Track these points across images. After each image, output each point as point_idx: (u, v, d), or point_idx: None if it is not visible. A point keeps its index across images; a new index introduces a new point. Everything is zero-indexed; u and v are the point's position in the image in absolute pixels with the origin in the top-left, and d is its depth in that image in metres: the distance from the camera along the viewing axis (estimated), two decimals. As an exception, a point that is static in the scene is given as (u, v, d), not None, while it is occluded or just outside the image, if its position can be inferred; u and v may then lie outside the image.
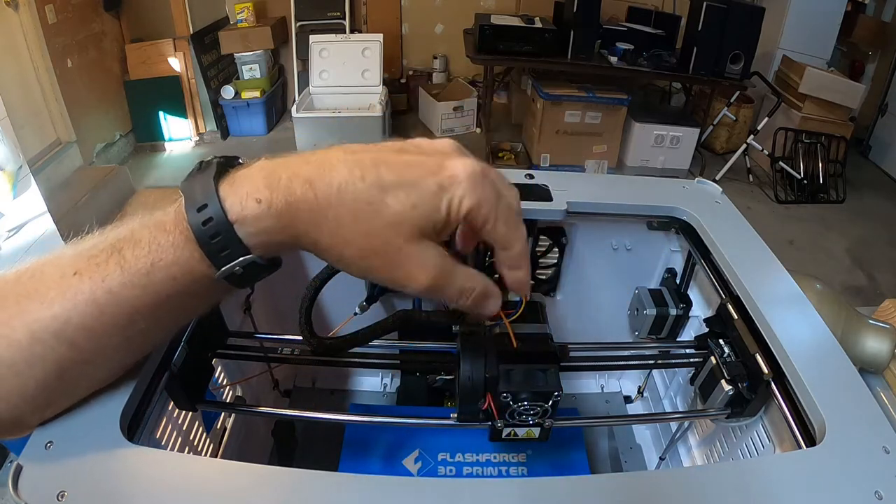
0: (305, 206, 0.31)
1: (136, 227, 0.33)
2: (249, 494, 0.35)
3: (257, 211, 0.31)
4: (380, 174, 0.31)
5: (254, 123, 3.35)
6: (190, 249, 0.32)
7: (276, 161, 0.33)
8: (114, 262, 0.32)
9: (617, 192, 0.71)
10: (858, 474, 0.38)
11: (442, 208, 0.31)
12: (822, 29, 3.22)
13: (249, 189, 0.31)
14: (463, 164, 0.32)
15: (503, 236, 0.34)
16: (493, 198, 0.32)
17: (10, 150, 1.63)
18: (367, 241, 0.31)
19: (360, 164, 0.31)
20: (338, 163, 0.31)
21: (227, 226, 0.31)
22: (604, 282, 0.80)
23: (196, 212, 0.31)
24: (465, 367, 0.45)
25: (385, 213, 0.31)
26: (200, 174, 0.33)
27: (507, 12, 3.24)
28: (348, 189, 0.31)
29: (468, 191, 0.31)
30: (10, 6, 2.27)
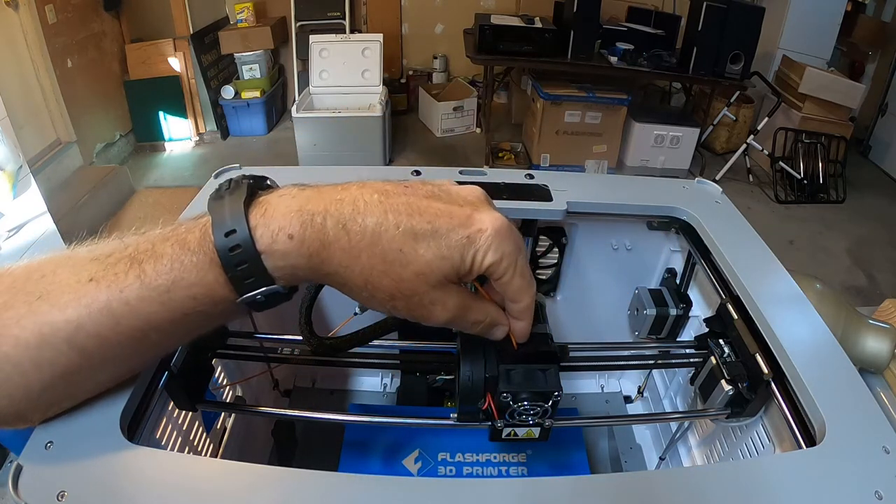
0: (338, 248, 0.32)
1: (157, 240, 0.33)
2: (249, 494, 0.35)
3: (288, 247, 0.31)
4: (412, 223, 0.32)
5: (254, 123, 3.35)
6: (214, 273, 0.32)
7: (307, 193, 0.33)
8: (133, 275, 0.31)
9: (617, 192, 0.71)
10: (858, 474, 0.38)
11: (467, 260, 0.33)
12: (822, 29, 3.22)
13: (282, 223, 0.31)
14: (491, 218, 0.33)
15: (516, 290, 0.36)
16: (514, 253, 0.34)
17: (10, 150, 1.63)
18: (395, 285, 0.32)
19: (395, 210, 0.32)
20: (372, 205, 0.32)
21: (255, 255, 0.31)
22: (604, 282, 0.80)
23: (224, 236, 0.31)
24: (465, 367, 0.45)
25: (415, 262, 0.32)
26: (230, 196, 0.33)
27: (507, 12, 3.24)
28: (382, 236, 0.31)
29: (493, 246, 0.33)
30: (10, 6, 2.27)
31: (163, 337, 0.34)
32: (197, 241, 0.32)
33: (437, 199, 0.34)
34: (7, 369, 0.32)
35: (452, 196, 0.34)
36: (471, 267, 0.33)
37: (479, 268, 0.33)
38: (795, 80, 3.00)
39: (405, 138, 3.41)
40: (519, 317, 0.38)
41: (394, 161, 3.10)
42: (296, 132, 2.75)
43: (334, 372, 0.89)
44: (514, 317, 0.38)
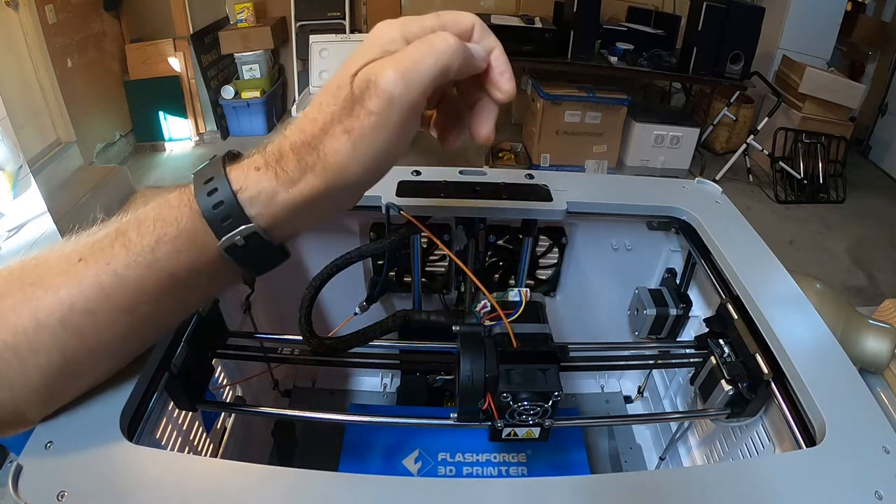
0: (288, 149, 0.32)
1: (140, 211, 0.34)
2: (249, 494, 0.35)
3: (257, 176, 0.32)
4: (325, 87, 0.33)
5: (254, 123, 3.35)
6: (194, 221, 0.32)
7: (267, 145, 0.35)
8: (119, 245, 0.32)
9: (617, 192, 0.71)
10: (858, 474, 0.38)
11: (373, 50, 0.32)
12: (822, 29, 3.22)
13: (249, 162, 0.33)
14: (384, 24, 0.33)
15: (454, 25, 0.34)
16: (393, 43, 0.32)
17: (10, 150, 1.63)
18: (338, 127, 0.31)
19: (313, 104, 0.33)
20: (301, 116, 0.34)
21: (230, 194, 0.32)
22: (604, 282, 0.80)
23: (202, 184, 0.32)
24: (465, 367, 0.45)
25: (330, 95, 0.32)
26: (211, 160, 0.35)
27: (507, 12, 3.24)
28: (308, 113, 0.32)
29: (379, 70, 0.31)
30: (10, 6, 2.27)
31: (154, 307, 0.35)
32: (177, 197, 0.33)
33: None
34: (7, 357, 0.32)
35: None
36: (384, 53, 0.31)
37: (396, 46, 0.32)
38: (795, 80, 3.00)
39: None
40: (497, 72, 0.35)
41: (394, 161, 3.09)
42: (296, 132, 2.75)
43: (334, 372, 0.89)
44: (495, 74, 0.35)
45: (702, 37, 2.69)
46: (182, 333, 0.49)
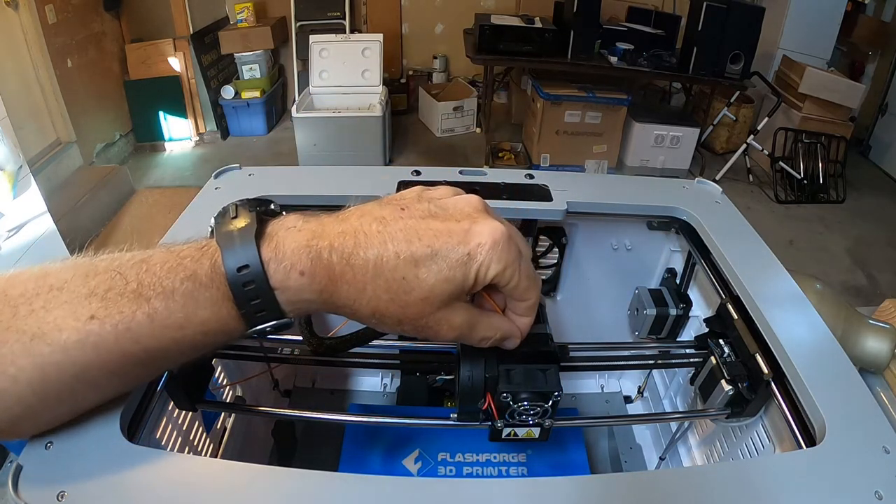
0: (344, 282, 0.32)
1: (161, 272, 0.31)
2: (249, 494, 0.35)
3: (300, 283, 0.32)
4: (412, 249, 0.32)
5: (254, 123, 3.35)
6: (227, 308, 0.32)
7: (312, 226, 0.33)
8: (142, 313, 0.31)
9: (617, 192, 0.71)
10: (858, 474, 0.38)
11: (471, 277, 0.33)
12: (822, 29, 3.22)
13: (293, 260, 0.32)
14: (490, 229, 0.33)
15: (523, 291, 0.36)
16: (517, 260, 0.34)
17: (10, 150, 1.63)
18: (401, 311, 0.33)
19: (393, 238, 0.32)
20: (372, 236, 0.32)
21: (269, 291, 0.31)
22: (604, 282, 0.80)
23: (236, 271, 0.31)
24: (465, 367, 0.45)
25: (418, 287, 0.32)
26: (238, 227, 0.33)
27: (507, 12, 3.24)
28: (384, 266, 0.32)
29: (494, 258, 0.33)
30: (10, 6, 2.27)
31: (170, 363, 0.35)
32: (208, 276, 0.32)
33: (434, 217, 0.34)
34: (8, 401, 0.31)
35: (450, 211, 0.34)
36: (475, 282, 0.33)
37: (483, 281, 0.33)
38: (795, 80, 3.00)
39: (405, 138, 3.41)
40: (524, 314, 0.38)
41: (394, 161, 3.10)
42: (296, 132, 2.75)
43: (334, 372, 0.89)
44: (519, 314, 0.39)
45: (702, 37, 2.69)
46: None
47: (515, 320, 0.39)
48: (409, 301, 0.32)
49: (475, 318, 0.36)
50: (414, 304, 0.33)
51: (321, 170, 0.74)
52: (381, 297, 0.32)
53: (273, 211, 0.36)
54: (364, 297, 0.32)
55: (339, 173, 0.72)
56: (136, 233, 2.42)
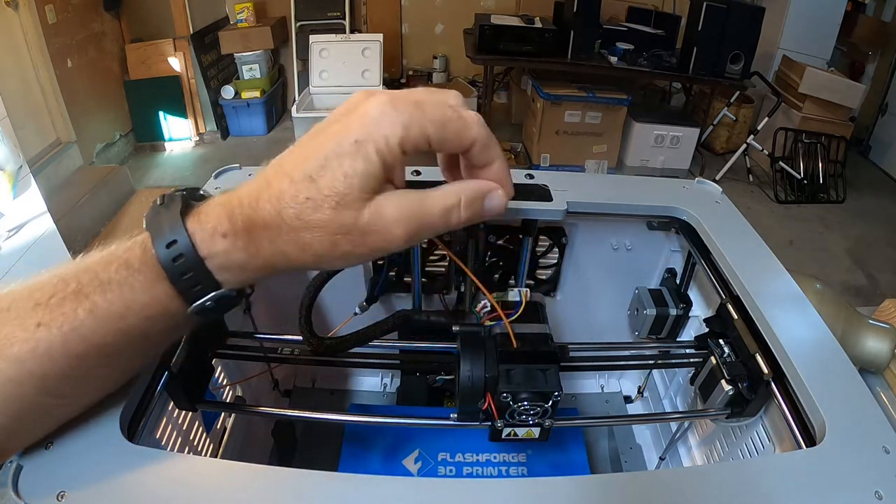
0: (262, 228, 0.31)
1: (98, 267, 0.31)
2: (249, 494, 0.35)
3: (225, 246, 0.31)
4: (305, 167, 0.30)
5: (254, 123, 3.35)
6: (163, 287, 0.31)
7: (230, 192, 0.33)
8: (83, 310, 0.31)
9: (617, 192, 0.71)
10: (858, 474, 0.38)
11: (372, 158, 0.30)
12: (822, 29, 3.22)
13: (214, 224, 0.31)
14: (370, 103, 0.31)
15: (458, 138, 0.32)
16: (417, 115, 0.31)
17: (10, 150, 1.63)
18: (325, 233, 0.31)
19: (285, 169, 0.31)
20: (272, 178, 0.31)
21: (199, 261, 0.31)
22: (604, 282, 0.80)
23: (165, 248, 0.31)
24: (465, 367, 0.45)
25: (325, 200, 0.30)
26: (165, 209, 0.32)
27: (507, 12, 3.24)
28: (285, 197, 0.30)
29: (386, 126, 0.30)
30: (10, 6, 2.27)
31: (127, 359, 0.35)
32: (139, 260, 0.31)
33: (319, 131, 0.32)
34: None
35: (340, 110, 0.32)
36: (383, 160, 0.30)
37: (392, 155, 0.30)
38: (795, 80, 3.00)
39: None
40: (488, 162, 0.34)
41: (394, 161, 3.09)
42: (296, 132, 2.75)
43: (334, 372, 0.89)
44: (494, 178, 0.35)
45: (702, 37, 2.69)
46: (182, 333, 0.49)
47: (485, 174, 0.35)
48: (325, 218, 0.30)
49: (417, 200, 0.32)
50: (332, 218, 0.30)
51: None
52: (299, 230, 0.30)
53: (201, 195, 0.35)
54: (282, 234, 0.31)
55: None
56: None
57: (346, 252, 0.32)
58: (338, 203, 0.30)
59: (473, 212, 0.34)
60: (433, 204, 0.32)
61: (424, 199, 0.32)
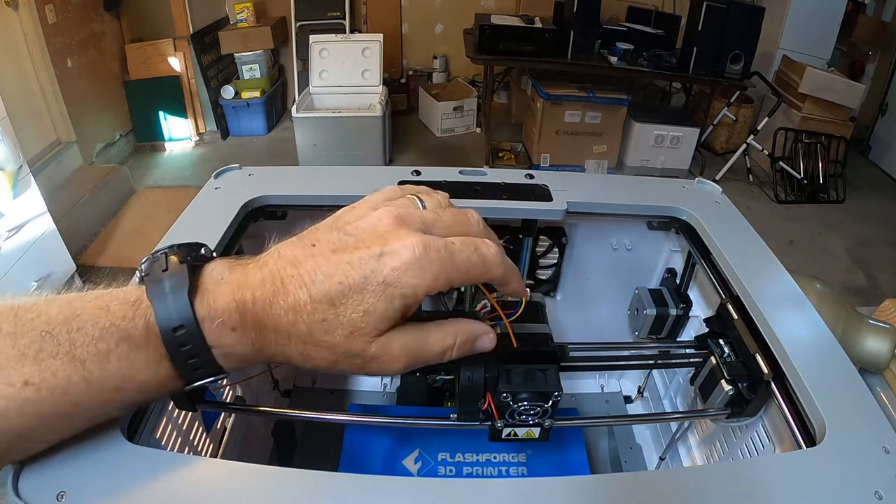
0: (272, 331, 0.31)
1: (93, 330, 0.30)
2: (249, 494, 0.35)
3: (233, 339, 0.31)
4: (324, 290, 0.30)
5: (254, 123, 3.35)
6: (165, 368, 0.32)
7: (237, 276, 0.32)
8: (78, 376, 0.29)
9: (617, 192, 0.71)
10: (858, 474, 0.38)
11: (395, 303, 0.31)
12: (822, 29, 3.22)
13: (224, 317, 0.31)
14: (401, 247, 0.31)
15: (479, 278, 0.34)
16: (447, 265, 0.32)
17: (10, 150, 1.63)
18: (331, 353, 0.32)
19: (305, 280, 0.31)
20: (287, 280, 0.31)
21: (206, 350, 0.31)
22: (604, 282, 0.80)
23: (172, 331, 0.30)
24: (465, 367, 0.45)
25: (340, 326, 0.31)
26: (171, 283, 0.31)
27: (507, 12, 3.24)
28: (301, 310, 0.31)
29: (414, 276, 0.31)
30: (10, 6, 2.27)
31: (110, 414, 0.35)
32: (142, 336, 0.31)
33: (344, 249, 0.32)
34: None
35: (361, 236, 0.32)
36: (404, 305, 0.31)
37: (414, 300, 0.32)
38: (795, 80, 3.00)
39: (405, 138, 3.41)
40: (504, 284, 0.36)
41: (394, 161, 3.10)
42: (296, 132, 2.75)
43: (334, 372, 0.89)
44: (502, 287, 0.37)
45: (702, 37, 2.69)
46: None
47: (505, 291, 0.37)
48: (335, 342, 0.31)
49: (420, 338, 0.34)
50: (341, 343, 0.31)
51: (321, 170, 0.74)
52: (307, 343, 0.31)
53: (204, 256, 0.35)
54: (291, 343, 0.32)
55: (339, 173, 0.72)
56: (136, 233, 2.42)
57: (343, 370, 0.33)
58: (351, 333, 0.31)
59: (465, 351, 0.36)
60: (433, 344, 0.34)
61: (426, 339, 0.34)
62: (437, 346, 0.34)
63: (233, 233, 0.62)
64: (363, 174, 0.71)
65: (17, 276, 1.68)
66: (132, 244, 2.34)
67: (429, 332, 0.34)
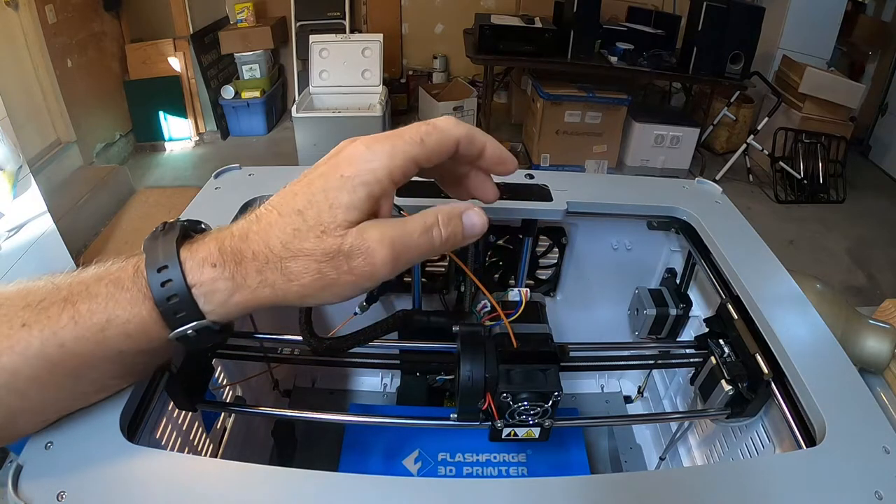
0: (249, 257, 0.32)
1: (90, 280, 0.33)
2: (249, 494, 0.35)
3: (212, 274, 0.32)
4: (293, 202, 0.32)
5: (254, 123, 3.35)
6: (147, 308, 0.32)
7: (226, 227, 0.34)
8: (67, 316, 0.32)
9: (617, 192, 0.71)
10: (858, 474, 0.38)
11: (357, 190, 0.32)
12: (822, 29, 3.22)
13: (205, 254, 0.33)
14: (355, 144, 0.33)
15: (439, 147, 0.34)
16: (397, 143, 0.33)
17: (10, 150, 1.63)
18: (311, 260, 0.32)
19: (273, 204, 0.33)
20: (261, 213, 0.33)
21: (185, 289, 0.32)
22: (604, 282, 0.80)
23: (156, 272, 0.32)
24: (465, 367, 0.45)
25: (310, 230, 0.32)
26: (164, 237, 0.34)
27: (507, 12, 3.24)
28: (272, 229, 0.32)
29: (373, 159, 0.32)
30: (10, 6, 2.27)
31: (101, 374, 0.35)
32: (130, 279, 0.33)
33: (317, 166, 0.34)
34: None
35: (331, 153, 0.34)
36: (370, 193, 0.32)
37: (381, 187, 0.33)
38: (795, 80, 3.00)
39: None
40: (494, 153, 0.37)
41: (394, 161, 3.09)
42: (296, 132, 2.75)
43: (334, 372, 0.89)
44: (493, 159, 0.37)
45: (702, 37, 2.69)
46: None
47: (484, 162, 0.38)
48: (311, 247, 0.32)
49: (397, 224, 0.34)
50: (317, 246, 0.32)
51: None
52: (284, 257, 0.32)
53: (202, 228, 0.37)
54: (270, 265, 0.32)
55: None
56: (136, 233, 2.42)
57: (332, 280, 0.33)
58: (322, 231, 0.32)
59: (454, 229, 0.35)
60: (414, 224, 0.34)
61: (406, 221, 0.34)
62: (419, 223, 0.34)
63: (233, 233, 0.62)
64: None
65: (17, 276, 1.66)
66: (132, 244, 2.34)
67: (407, 219, 0.34)
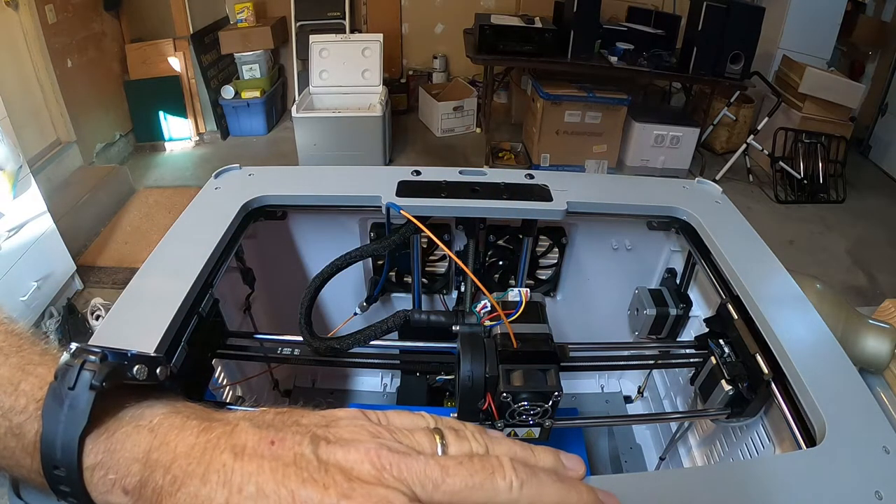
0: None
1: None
2: (249, 494, 0.35)
3: (120, 500, 0.26)
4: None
5: (254, 123, 3.35)
6: (39, 477, 0.27)
7: (164, 430, 0.27)
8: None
9: (617, 192, 0.71)
10: (858, 474, 0.38)
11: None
12: (822, 29, 3.22)
13: (121, 473, 0.26)
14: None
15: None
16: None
17: (10, 150, 1.63)
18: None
19: (230, 481, 0.25)
20: (213, 470, 0.25)
21: (84, 496, 0.27)
22: (604, 282, 0.80)
23: (52, 468, 0.27)
24: (465, 367, 0.45)
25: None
26: (70, 410, 0.27)
27: (507, 12, 3.24)
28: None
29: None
30: (10, 6, 2.27)
31: None
32: (32, 444, 0.27)
33: (300, 469, 0.25)
34: None
35: (327, 466, 0.25)
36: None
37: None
38: (795, 80, 3.00)
39: (405, 138, 3.40)
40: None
41: (394, 161, 3.10)
42: (296, 132, 2.75)
43: (334, 372, 0.89)
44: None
45: (702, 37, 2.69)
46: (182, 334, 0.49)
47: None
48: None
49: None
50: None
51: (321, 170, 0.74)
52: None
53: (136, 378, 0.30)
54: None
55: (339, 173, 0.72)
56: (136, 233, 2.42)
57: None
58: None
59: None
60: None
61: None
62: None
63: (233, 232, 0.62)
64: (363, 174, 0.71)
65: (17, 275, 1.68)
66: (132, 244, 2.34)
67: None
